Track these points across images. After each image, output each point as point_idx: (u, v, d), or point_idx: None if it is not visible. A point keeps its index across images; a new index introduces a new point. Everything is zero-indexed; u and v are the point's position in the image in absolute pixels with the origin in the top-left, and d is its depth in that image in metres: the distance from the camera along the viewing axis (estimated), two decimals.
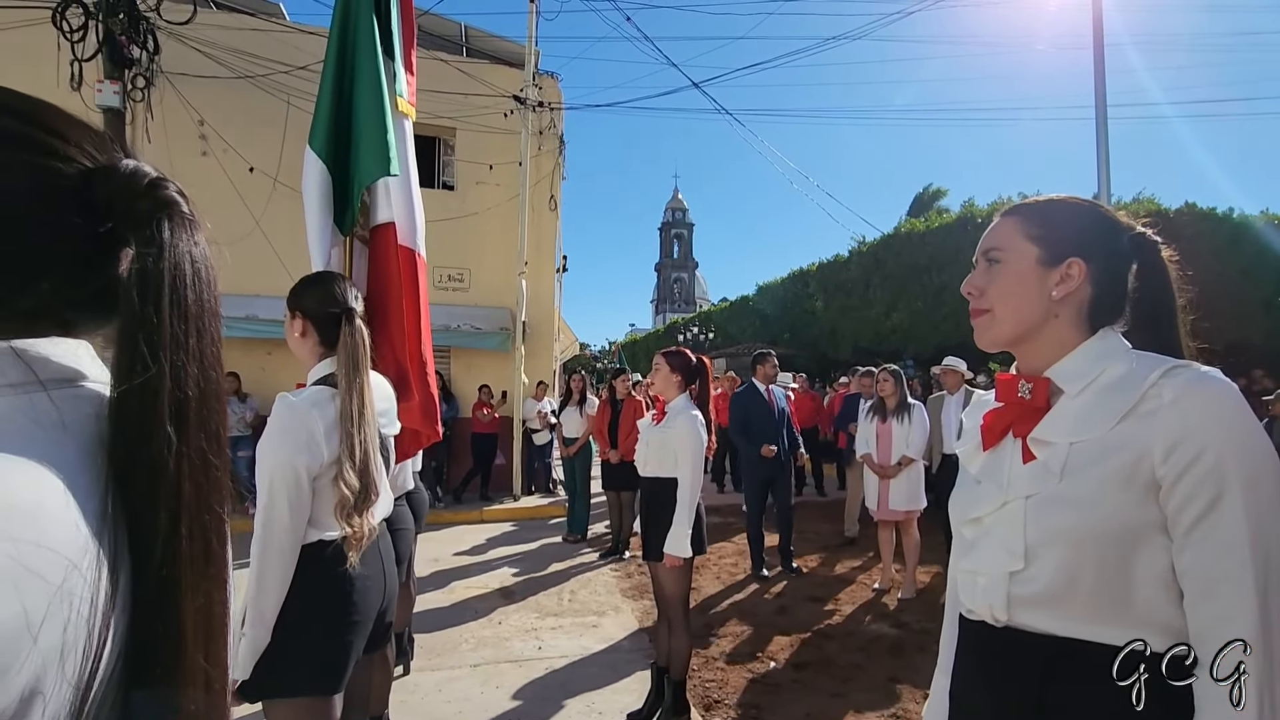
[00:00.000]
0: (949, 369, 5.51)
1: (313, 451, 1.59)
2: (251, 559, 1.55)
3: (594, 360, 45.93)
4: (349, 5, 2.66)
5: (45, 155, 0.51)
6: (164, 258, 0.52)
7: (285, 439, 1.57)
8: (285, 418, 1.59)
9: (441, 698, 3.32)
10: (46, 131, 0.52)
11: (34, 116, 0.52)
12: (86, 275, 0.54)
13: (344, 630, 1.69)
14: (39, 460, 0.45)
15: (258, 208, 8.18)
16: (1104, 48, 8.05)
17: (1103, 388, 0.86)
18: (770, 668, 3.68)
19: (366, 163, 2.59)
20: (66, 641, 0.43)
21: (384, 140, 2.57)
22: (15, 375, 0.50)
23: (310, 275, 1.91)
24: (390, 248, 2.63)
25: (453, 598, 4.92)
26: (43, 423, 0.48)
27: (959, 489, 1.03)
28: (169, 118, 7.60)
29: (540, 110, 9.62)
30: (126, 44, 6.14)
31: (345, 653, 1.70)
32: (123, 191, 0.53)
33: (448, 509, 8.04)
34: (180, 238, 0.54)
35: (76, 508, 0.45)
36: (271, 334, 8.10)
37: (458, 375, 9.58)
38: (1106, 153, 8.02)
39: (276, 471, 1.56)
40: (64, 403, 0.51)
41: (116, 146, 0.57)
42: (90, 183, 0.52)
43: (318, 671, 1.64)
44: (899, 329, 12.81)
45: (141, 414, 0.50)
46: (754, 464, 5.54)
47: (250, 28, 8.72)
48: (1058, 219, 0.94)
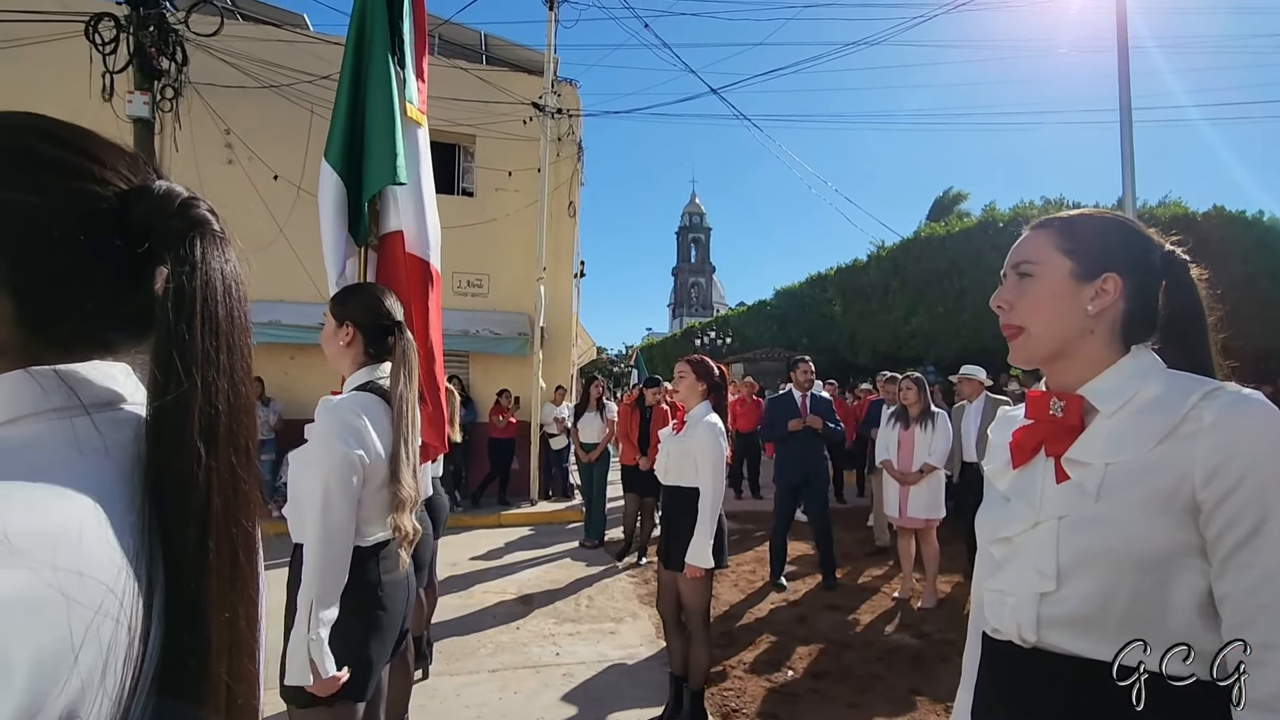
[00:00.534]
0: (967, 378, 5.46)
1: (366, 452, 1.63)
2: (310, 563, 1.57)
3: (610, 365, 46.01)
4: (364, 17, 2.70)
5: (83, 179, 0.53)
6: (196, 275, 0.52)
7: (337, 441, 1.60)
8: (335, 420, 1.62)
9: (460, 702, 3.34)
10: (83, 156, 0.54)
11: (71, 142, 0.54)
12: (124, 295, 0.55)
13: (374, 637, 1.71)
14: (79, 487, 0.46)
15: (281, 215, 8.32)
16: (1128, 50, 7.93)
17: (1139, 408, 0.85)
18: (789, 677, 3.65)
19: (374, 171, 2.61)
20: (105, 662, 0.44)
21: (392, 148, 2.58)
22: (59, 400, 0.51)
23: (356, 286, 1.98)
24: (398, 256, 2.63)
25: (470, 602, 4.95)
26: (84, 448, 0.50)
27: (987, 507, 1.01)
28: (196, 127, 7.77)
29: (559, 117, 9.68)
30: (156, 56, 6.29)
31: (374, 659, 1.72)
32: (156, 211, 0.54)
33: (466, 513, 8.09)
34: (212, 255, 0.54)
35: (114, 533, 0.47)
36: (295, 339, 8.22)
37: (476, 380, 9.66)
38: (1131, 156, 7.89)
39: (332, 472, 1.58)
40: (105, 426, 0.52)
41: (150, 168, 0.58)
42: (125, 204, 0.54)
43: (350, 678, 1.65)
44: (919, 334, 12.69)
45: (174, 430, 0.50)
46: (783, 471, 5.48)
47: (275, 38, 8.88)
48: (1091, 233, 0.93)
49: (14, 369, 0.51)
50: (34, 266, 0.51)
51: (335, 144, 2.65)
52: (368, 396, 1.71)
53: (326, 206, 2.61)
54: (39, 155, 0.52)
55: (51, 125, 0.55)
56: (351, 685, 1.67)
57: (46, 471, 0.46)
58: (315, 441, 1.62)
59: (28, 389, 0.50)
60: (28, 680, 0.40)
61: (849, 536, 6.96)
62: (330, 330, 1.79)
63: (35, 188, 0.51)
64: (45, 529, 0.43)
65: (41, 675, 0.40)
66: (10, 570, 0.40)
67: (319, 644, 1.52)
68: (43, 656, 0.40)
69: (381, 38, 2.67)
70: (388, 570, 1.77)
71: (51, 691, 0.41)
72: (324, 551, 1.57)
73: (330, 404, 1.65)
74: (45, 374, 0.51)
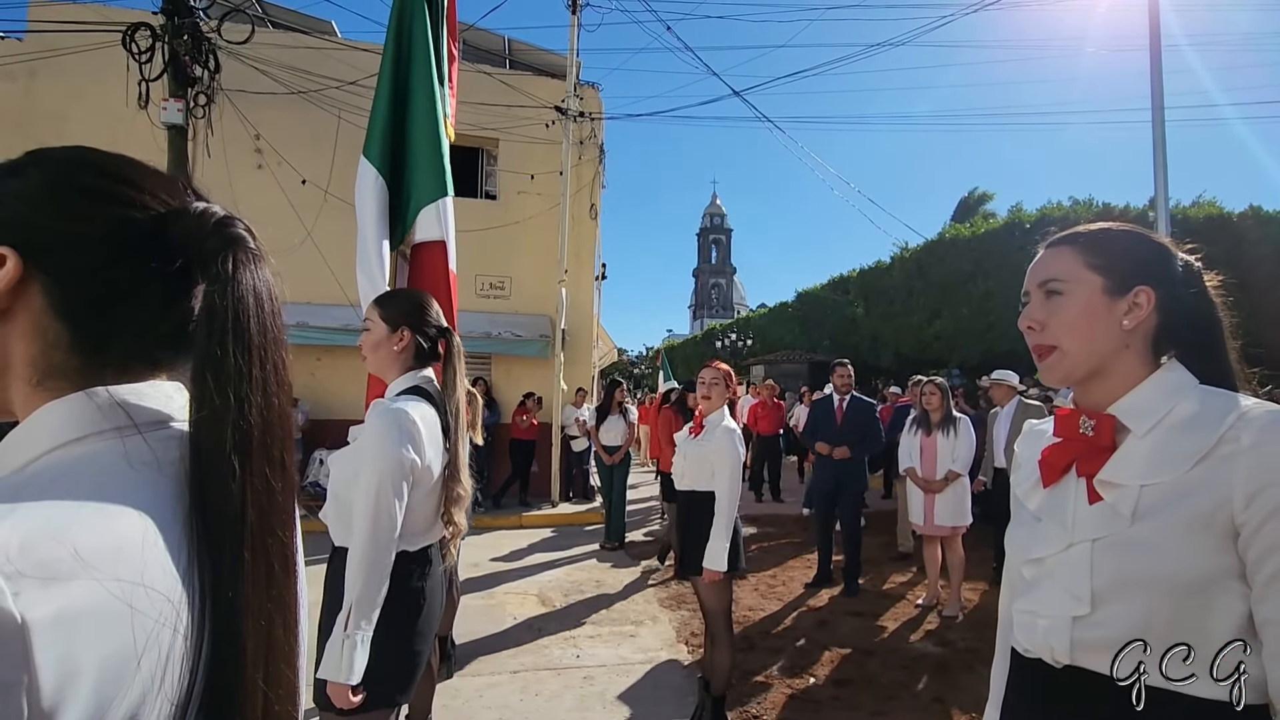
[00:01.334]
0: (999, 382, 5.37)
1: (420, 457, 1.66)
2: (356, 564, 1.58)
3: (631, 366, 46.05)
4: (402, 21, 2.74)
5: (124, 205, 0.55)
6: (228, 293, 0.54)
7: (393, 444, 1.62)
8: (392, 423, 1.63)
9: (482, 703, 3.36)
10: (124, 183, 0.56)
11: (112, 170, 0.57)
12: (168, 314, 0.58)
13: (415, 640, 1.73)
14: (137, 503, 0.49)
15: (309, 219, 8.47)
16: (1160, 47, 7.76)
17: (1174, 427, 0.83)
18: (810, 684, 3.63)
19: (427, 182, 2.68)
20: (165, 669, 0.47)
21: (441, 161, 2.67)
22: (115, 420, 0.54)
23: (402, 292, 2.01)
24: (440, 267, 2.71)
25: (492, 604, 4.99)
26: (137, 465, 0.52)
27: (1016, 525, 1.00)
28: (227, 133, 7.94)
29: (581, 120, 9.73)
30: (190, 64, 6.45)
31: (416, 663, 1.74)
32: (193, 231, 0.56)
33: (488, 514, 8.16)
34: (245, 272, 0.56)
35: (169, 546, 0.49)
36: (322, 340, 8.37)
37: (498, 381, 9.74)
38: (1164, 155, 7.70)
39: (386, 475, 1.60)
40: (157, 444, 0.54)
41: (189, 190, 0.61)
42: (164, 226, 0.56)
43: (390, 683, 1.67)
44: (942, 336, 12.52)
45: (209, 446, 0.52)
46: (819, 477, 5.55)
47: (304, 45, 9.06)
48: (1118, 247, 0.91)
49: (73, 392, 0.53)
50: (84, 292, 0.54)
51: (375, 143, 2.69)
52: (423, 402, 1.73)
53: (367, 204, 2.65)
54: (83, 185, 0.55)
55: (93, 156, 0.57)
56: (398, 689, 1.69)
57: (107, 489, 0.48)
58: (371, 443, 1.62)
59: (86, 410, 0.53)
60: (95, 687, 0.42)
61: (873, 541, 6.88)
62: (382, 335, 1.79)
63: (80, 217, 0.54)
64: (109, 543, 0.45)
65: (107, 682, 0.42)
66: (79, 583, 0.42)
67: (352, 646, 1.53)
68: (109, 664, 0.43)
69: (424, 47, 2.72)
70: (431, 576, 1.79)
71: (116, 698, 0.43)
72: (371, 554, 1.58)
73: (387, 408, 1.66)
74: (101, 395, 0.54)
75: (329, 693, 1.54)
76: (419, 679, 1.80)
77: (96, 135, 8.62)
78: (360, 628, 1.55)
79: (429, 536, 1.81)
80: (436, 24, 2.82)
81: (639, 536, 7.31)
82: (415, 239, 2.75)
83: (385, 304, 1.86)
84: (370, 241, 2.63)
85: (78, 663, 0.41)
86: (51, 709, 0.39)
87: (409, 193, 2.70)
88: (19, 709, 0.38)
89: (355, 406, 2.36)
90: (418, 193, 2.68)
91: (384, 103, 2.72)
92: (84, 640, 0.42)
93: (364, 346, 1.83)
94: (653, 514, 8.64)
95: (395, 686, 1.70)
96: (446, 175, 2.67)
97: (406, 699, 1.76)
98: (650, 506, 9.10)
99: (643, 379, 32.87)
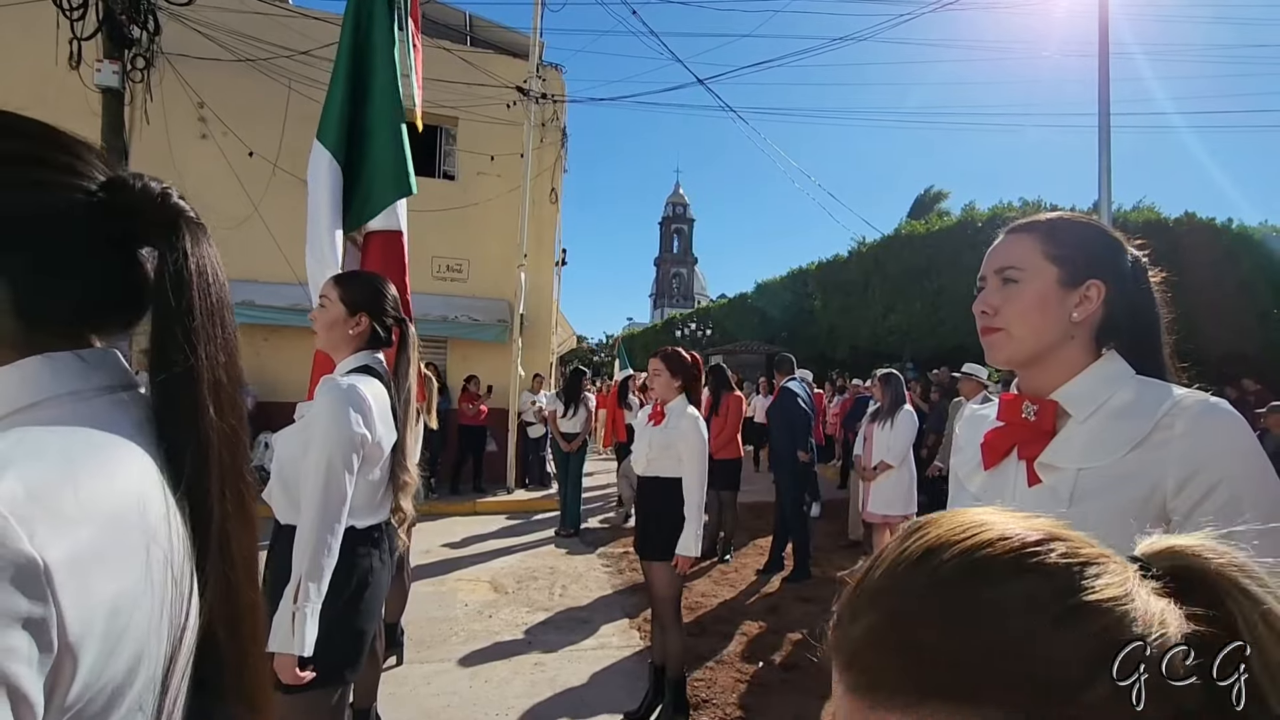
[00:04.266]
0: (968, 376, 5.51)
1: (370, 433, 1.66)
2: (305, 538, 1.57)
3: (591, 354, 45.92)
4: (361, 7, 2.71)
5: (65, 173, 0.56)
6: (189, 260, 0.58)
7: (345, 418, 1.61)
8: (343, 398, 1.63)
9: (430, 690, 3.32)
10: (61, 150, 0.57)
11: (46, 137, 0.57)
12: (114, 283, 0.59)
13: (362, 618, 1.73)
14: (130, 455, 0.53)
15: (256, 193, 8.13)
16: (1109, 55, 8.03)
17: (1111, 414, 0.86)
18: (759, 668, 3.69)
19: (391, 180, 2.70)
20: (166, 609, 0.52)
21: (403, 158, 2.70)
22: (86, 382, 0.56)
23: (361, 275, 2.00)
24: (398, 258, 2.72)
25: (443, 590, 4.92)
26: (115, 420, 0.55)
27: (955, 506, 1.02)
28: (168, 99, 7.54)
29: (543, 102, 9.57)
30: (127, 23, 6.08)
31: (362, 640, 1.74)
32: (141, 202, 0.58)
33: (441, 500, 8.04)
34: (199, 241, 0.60)
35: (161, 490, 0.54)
36: (269, 320, 8.07)
37: (454, 366, 9.56)
38: (1109, 160, 8.00)
39: (337, 448, 1.60)
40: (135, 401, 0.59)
41: (114, 160, 0.62)
42: (108, 195, 0.57)
43: (338, 659, 1.66)
44: (897, 330, 12.83)
45: (188, 397, 0.57)
46: None
47: (253, 10, 8.64)
48: (1074, 239, 0.93)
49: (18, 359, 0.55)
50: (29, 260, 0.55)
51: (331, 127, 2.67)
52: (374, 381, 1.73)
53: (321, 190, 2.65)
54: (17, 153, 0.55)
55: (20, 122, 0.57)
56: (347, 665, 1.69)
57: (101, 442, 0.52)
58: (321, 417, 1.62)
59: (47, 373, 0.55)
60: (108, 624, 0.46)
61: (825, 529, 7.03)
62: (338, 316, 1.79)
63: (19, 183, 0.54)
64: (106, 492, 0.49)
65: (118, 619, 0.47)
66: (85, 527, 0.46)
67: (303, 619, 1.52)
68: (120, 603, 0.47)
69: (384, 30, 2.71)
70: (378, 554, 1.80)
71: (125, 635, 0.48)
72: (321, 527, 1.58)
73: (338, 384, 1.66)
74: (65, 358, 0.56)
75: (276, 668, 1.51)
76: (365, 657, 1.77)
77: (22, 94, 8.07)
78: (310, 599, 1.53)
79: (377, 515, 1.81)
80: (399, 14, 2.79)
81: (595, 524, 7.31)
82: (371, 226, 2.74)
83: (345, 285, 1.84)
84: (323, 225, 2.62)
85: (92, 600, 0.45)
86: (76, 643, 0.43)
87: (370, 188, 2.70)
88: (50, 642, 0.42)
89: (303, 389, 2.29)
90: (380, 190, 2.69)
91: (340, 88, 2.69)
92: (97, 580, 0.45)
93: (317, 323, 1.82)
94: (610, 500, 8.65)
95: (344, 662, 1.69)
96: (409, 171, 2.70)
97: (354, 675, 1.76)
98: (608, 494, 9.10)
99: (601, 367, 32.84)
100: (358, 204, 2.72)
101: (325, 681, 1.62)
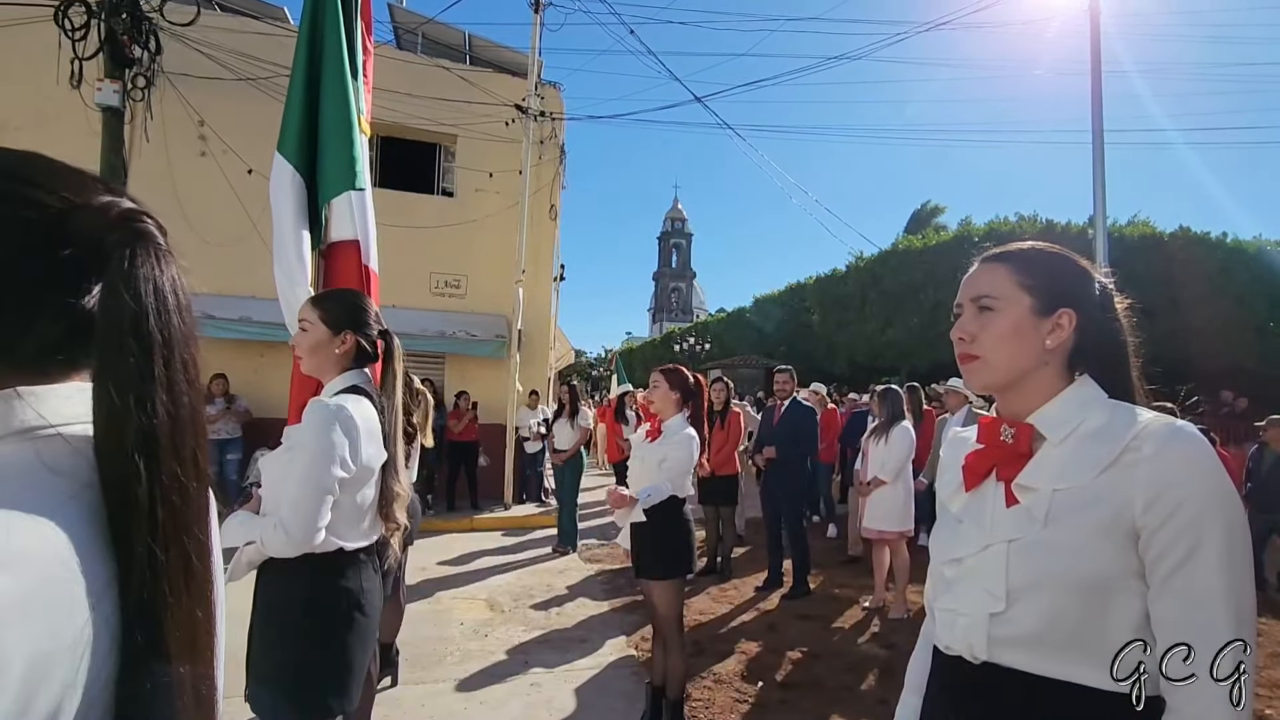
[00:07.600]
0: (953, 390, 5.53)
1: (356, 454, 1.64)
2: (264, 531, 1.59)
3: (590, 368, 45.91)
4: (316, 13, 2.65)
5: (19, 205, 0.53)
6: (124, 291, 0.53)
7: (331, 434, 1.60)
8: (330, 417, 1.61)
9: (424, 713, 3.27)
10: (21, 182, 0.54)
11: (9, 170, 0.55)
12: (71, 314, 0.55)
13: (351, 646, 1.69)
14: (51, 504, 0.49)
15: (255, 210, 8.13)
16: (1102, 73, 8.12)
17: (1084, 437, 0.90)
18: (758, 687, 3.64)
19: (334, 175, 2.58)
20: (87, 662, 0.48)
21: (351, 153, 2.57)
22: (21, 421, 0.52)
23: (341, 294, 1.99)
24: (354, 267, 2.61)
25: (439, 609, 4.87)
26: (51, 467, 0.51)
27: (940, 527, 1.05)
28: (169, 118, 7.59)
29: (542, 120, 9.64)
30: (128, 43, 6.13)
31: (351, 669, 1.70)
32: (90, 227, 0.54)
33: (438, 517, 7.99)
34: (145, 269, 0.54)
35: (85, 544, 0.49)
36: (266, 336, 8.05)
37: (451, 382, 9.54)
38: (1103, 175, 8.07)
39: (321, 456, 1.58)
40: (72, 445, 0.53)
41: (100, 186, 0.58)
42: (64, 223, 0.54)
43: (325, 690, 1.63)
44: (894, 345, 12.84)
45: (111, 448, 0.51)
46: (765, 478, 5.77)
47: (253, 30, 8.73)
48: (1047, 269, 0.97)
49: None
50: None
51: (290, 138, 2.61)
52: (363, 400, 1.71)
53: (285, 203, 2.58)
54: None
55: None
56: (338, 693, 1.65)
57: (22, 490, 0.48)
58: (307, 438, 1.60)
59: None
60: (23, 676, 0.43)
61: (824, 545, 6.99)
62: (322, 337, 1.75)
63: None
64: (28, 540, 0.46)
65: (34, 671, 0.43)
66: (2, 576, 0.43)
67: None
68: (35, 655, 0.44)
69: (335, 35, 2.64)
70: (367, 578, 1.77)
71: (41, 687, 0.44)
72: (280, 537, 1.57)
73: (325, 405, 1.64)
74: (11, 396, 0.52)
75: None
76: (357, 689, 1.73)
77: (24, 113, 8.11)
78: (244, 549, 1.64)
79: (366, 536, 1.77)
80: (350, 17, 2.74)
81: (594, 541, 7.26)
82: (330, 238, 2.65)
83: (324, 305, 1.81)
84: (288, 239, 2.55)
85: (6, 653, 0.42)
86: None
87: (319, 188, 2.62)
88: None
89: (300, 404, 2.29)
90: (326, 186, 2.59)
91: (298, 96, 2.64)
92: (11, 632, 0.42)
93: (300, 348, 1.78)
94: (609, 517, 8.59)
95: (331, 693, 1.64)
96: (358, 167, 2.57)
97: (345, 708, 1.69)
98: (607, 510, 9.04)
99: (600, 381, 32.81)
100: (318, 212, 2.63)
101: (311, 713, 1.59)
